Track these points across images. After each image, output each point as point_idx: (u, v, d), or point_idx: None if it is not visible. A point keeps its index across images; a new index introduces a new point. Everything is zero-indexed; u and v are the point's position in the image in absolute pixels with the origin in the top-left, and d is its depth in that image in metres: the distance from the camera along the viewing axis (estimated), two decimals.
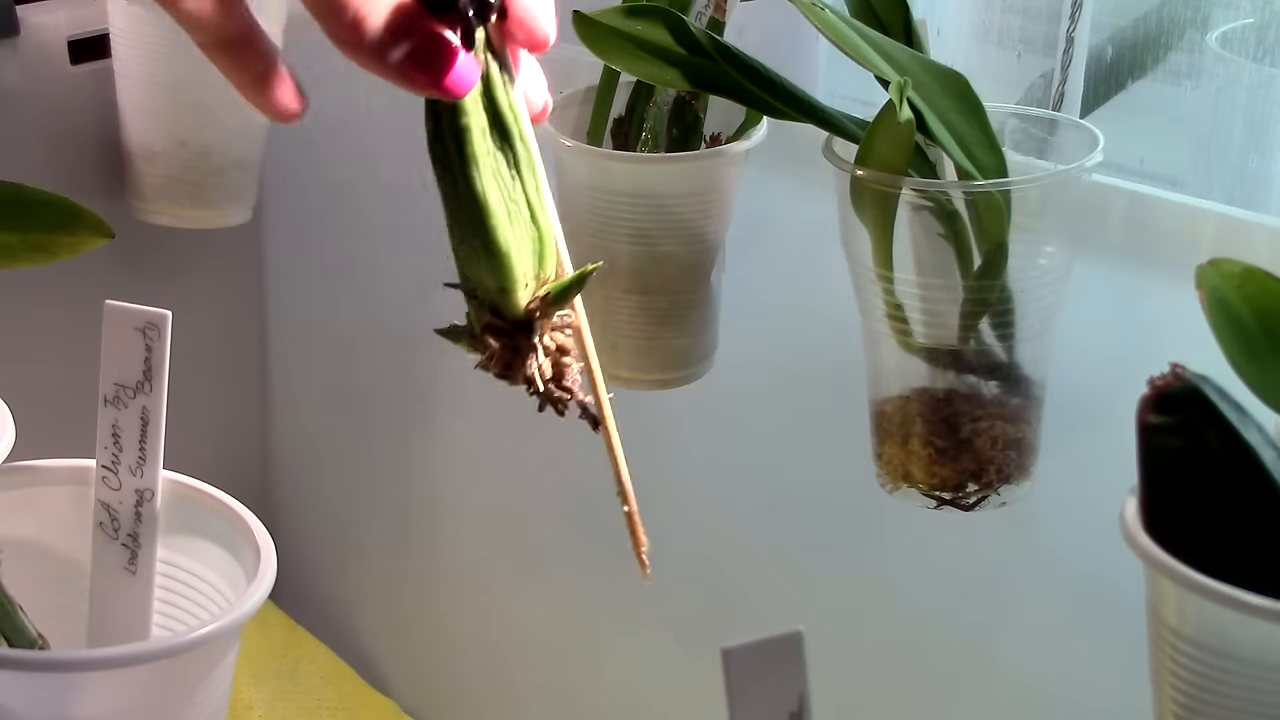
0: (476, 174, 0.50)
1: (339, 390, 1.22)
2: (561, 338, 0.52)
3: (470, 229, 0.50)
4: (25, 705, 0.61)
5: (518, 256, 0.51)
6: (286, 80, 0.54)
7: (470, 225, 0.50)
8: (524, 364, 0.52)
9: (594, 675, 1.05)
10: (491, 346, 0.51)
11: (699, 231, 0.77)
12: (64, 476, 0.73)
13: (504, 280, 0.51)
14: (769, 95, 0.67)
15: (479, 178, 0.50)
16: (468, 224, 0.50)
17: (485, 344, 0.51)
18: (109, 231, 0.63)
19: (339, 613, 1.25)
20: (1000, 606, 0.81)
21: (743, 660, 0.46)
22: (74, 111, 1.09)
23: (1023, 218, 0.66)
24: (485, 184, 0.50)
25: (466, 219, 0.50)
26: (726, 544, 0.94)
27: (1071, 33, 0.77)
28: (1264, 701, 0.49)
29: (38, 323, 1.10)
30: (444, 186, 0.51)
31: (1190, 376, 0.50)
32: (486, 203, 0.50)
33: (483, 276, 0.51)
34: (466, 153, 0.50)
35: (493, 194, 0.50)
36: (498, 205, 0.50)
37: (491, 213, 0.50)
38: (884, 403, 0.71)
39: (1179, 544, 0.50)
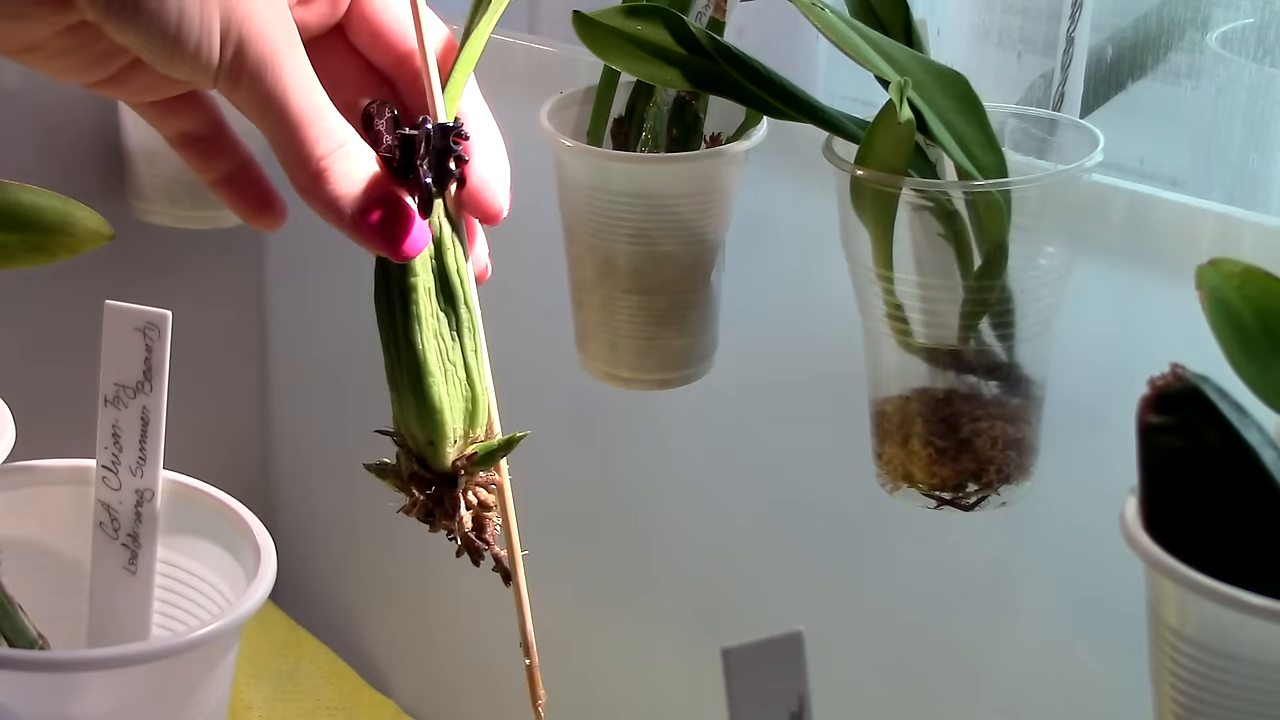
0: (418, 332, 0.52)
1: (339, 390, 1.22)
2: (484, 494, 0.55)
3: (405, 382, 0.52)
4: (25, 705, 0.61)
5: (449, 414, 0.53)
6: (258, 184, 0.55)
7: (406, 379, 0.52)
8: (444, 515, 0.54)
9: (594, 675, 1.05)
10: (415, 495, 0.54)
11: (699, 231, 0.77)
12: (64, 476, 0.73)
13: (433, 435, 0.53)
14: (769, 95, 0.67)
15: (420, 336, 0.52)
16: (404, 377, 0.52)
17: (409, 492, 0.54)
18: (109, 231, 0.63)
19: (339, 613, 1.25)
20: (1000, 606, 0.81)
21: (743, 660, 0.46)
22: (74, 111, 1.09)
23: (1023, 218, 0.66)
24: (425, 342, 0.52)
25: (403, 372, 0.52)
26: (726, 544, 0.94)
27: (1071, 33, 0.77)
28: (1264, 701, 0.49)
29: (38, 323, 1.10)
30: (384, 336, 0.52)
31: (1190, 376, 0.50)
32: (425, 361, 0.52)
33: (413, 428, 0.53)
34: (411, 311, 0.52)
35: (431, 353, 0.52)
36: (435, 364, 0.52)
37: (428, 371, 0.52)
38: (884, 403, 0.71)
39: (1179, 544, 0.50)
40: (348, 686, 1.19)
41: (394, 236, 0.49)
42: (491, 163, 0.52)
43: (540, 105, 0.79)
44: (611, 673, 1.04)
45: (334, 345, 1.22)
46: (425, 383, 0.52)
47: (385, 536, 1.20)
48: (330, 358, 1.22)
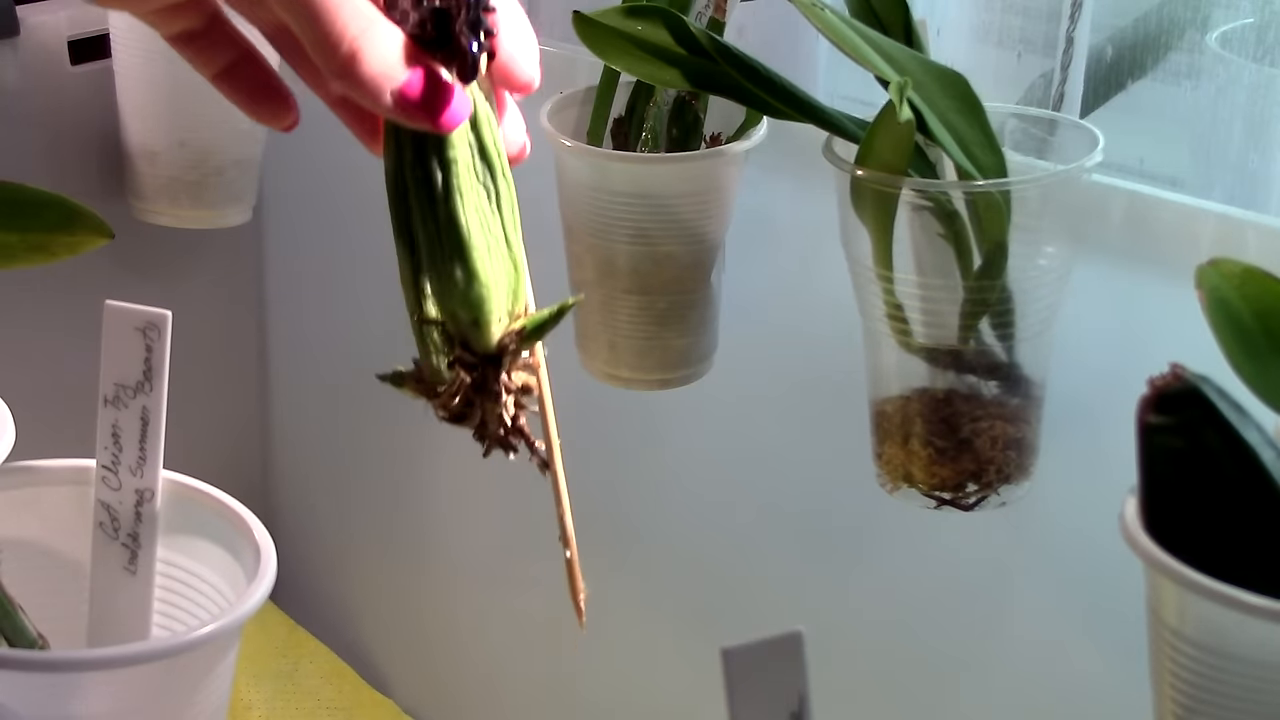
0: (461, 206, 0.50)
1: (339, 390, 1.22)
2: (525, 376, 0.52)
3: (448, 260, 0.50)
4: (25, 705, 0.61)
5: (495, 289, 0.51)
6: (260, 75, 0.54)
7: (449, 257, 0.50)
8: (487, 401, 0.52)
9: (594, 676, 1.05)
10: (460, 380, 0.51)
11: (699, 231, 0.77)
12: (64, 476, 0.73)
13: (480, 313, 0.51)
14: (769, 95, 0.67)
15: (463, 210, 0.50)
16: (445, 255, 0.50)
17: (451, 379, 0.52)
18: (109, 231, 0.63)
19: (339, 613, 1.25)
20: (1000, 606, 0.81)
21: (743, 660, 0.46)
22: (74, 111, 1.09)
23: (1023, 218, 0.66)
24: (469, 216, 0.50)
25: (445, 250, 0.50)
26: (726, 544, 0.94)
27: (1071, 33, 0.77)
28: (1264, 701, 0.49)
29: (38, 323, 1.10)
30: (419, 215, 0.51)
31: (1190, 376, 0.50)
32: (470, 234, 0.50)
33: (456, 309, 0.51)
34: (453, 184, 0.50)
35: (476, 226, 0.51)
36: (480, 238, 0.51)
37: (474, 245, 0.50)
38: (884, 403, 0.71)
39: (1179, 544, 0.50)
40: (348, 686, 1.19)
41: (436, 108, 0.48)
42: (519, 33, 0.51)
43: (540, 105, 0.79)
44: (612, 673, 1.04)
45: (334, 345, 1.22)
46: (471, 258, 0.50)
47: (385, 537, 1.20)
48: (330, 358, 1.22)
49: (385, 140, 0.51)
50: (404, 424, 1.16)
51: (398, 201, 0.51)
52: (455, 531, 1.14)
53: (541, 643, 1.09)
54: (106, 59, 1.07)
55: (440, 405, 0.52)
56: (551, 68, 0.52)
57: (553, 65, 0.81)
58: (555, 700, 1.09)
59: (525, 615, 1.09)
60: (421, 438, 1.14)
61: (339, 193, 1.15)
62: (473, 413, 0.52)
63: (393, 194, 0.52)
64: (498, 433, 0.53)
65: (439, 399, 0.52)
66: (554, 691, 1.09)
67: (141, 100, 1.05)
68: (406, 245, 0.52)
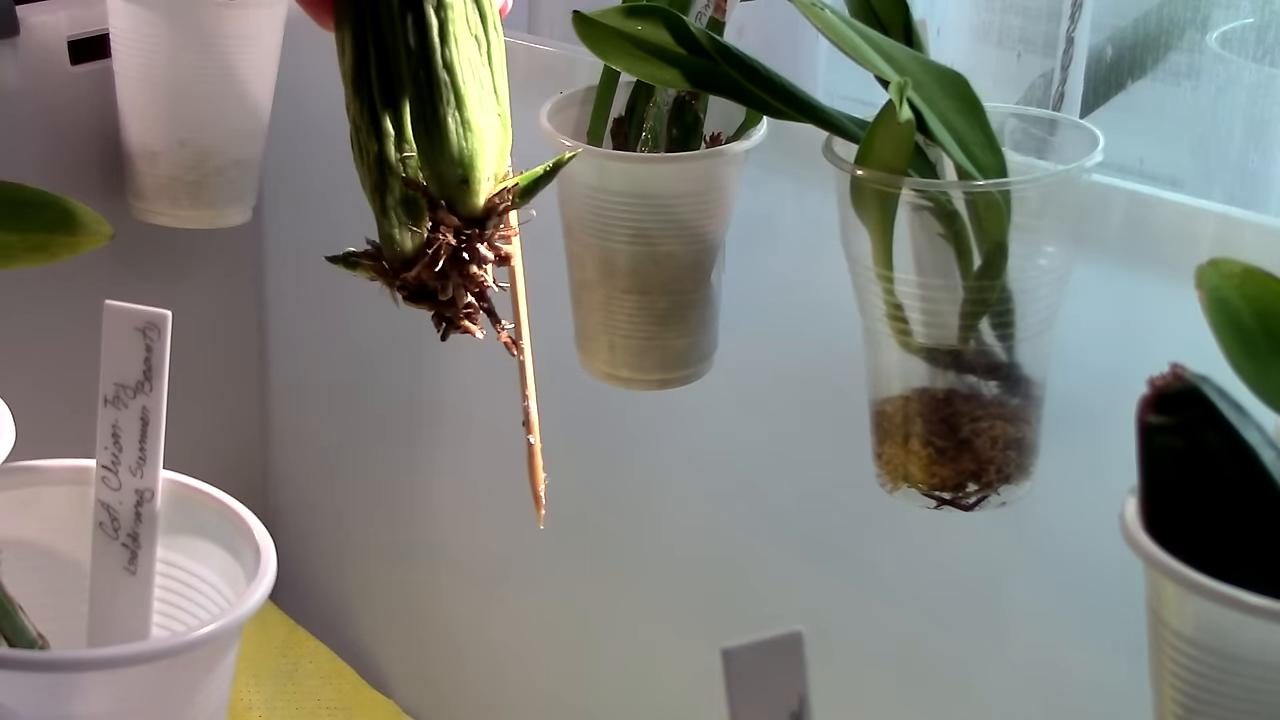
0: (455, 54, 0.48)
1: (339, 390, 1.22)
2: (506, 246, 0.50)
3: (438, 112, 0.48)
4: (25, 705, 0.61)
5: (486, 145, 0.48)
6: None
7: (440, 108, 0.48)
8: (465, 269, 0.49)
9: (594, 676, 1.05)
10: (442, 244, 0.48)
11: (699, 231, 0.77)
12: (64, 476, 0.73)
13: (471, 170, 0.48)
14: (769, 95, 0.67)
15: (457, 59, 0.48)
16: (436, 107, 0.47)
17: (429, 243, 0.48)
18: (109, 231, 0.63)
19: (339, 613, 1.25)
20: (1000, 606, 0.81)
21: (743, 660, 0.46)
22: (74, 111, 1.09)
23: (1023, 218, 0.66)
24: (462, 65, 0.48)
25: (435, 102, 0.48)
26: (726, 544, 0.94)
27: (1071, 33, 0.77)
28: (1264, 701, 0.49)
29: (38, 323, 1.10)
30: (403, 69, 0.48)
31: (1190, 376, 0.50)
32: (464, 86, 0.48)
33: (444, 166, 0.48)
34: (449, 30, 0.48)
35: (470, 76, 0.48)
36: (473, 90, 0.48)
37: (469, 95, 0.48)
38: (884, 403, 0.71)
39: (1179, 544, 0.50)
40: (348, 686, 1.19)
41: None
42: None
43: (540, 105, 0.79)
44: (612, 672, 1.04)
45: (334, 345, 1.22)
46: (465, 108, 0.48)
47: (385, 537, 1.20)
48: (330, 358, 1.22)
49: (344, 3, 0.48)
50: (405, 423, 1.16)
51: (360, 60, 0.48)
52: (455, 531, 1.14)
53: (541, 643, 1.09)
54: (106, 59, 1.07)
55: (411, 277, 0.49)
56: (551, 68, 0.52)
57: (553, 65, 0.81)
58: (555, 700, 1.09)
59: (525, 615, 1.09)
60: (422, 438, 1.14)
61: (339, 193, 1.15)
62: (444, 285, 0.49)
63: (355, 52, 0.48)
64: (464, 308, 0.49)
65: (410, 269, 0.49)
66: (554, 691, 1.09)
67: (141, 100, 1.05)
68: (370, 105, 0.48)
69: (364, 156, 0.50)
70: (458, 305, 0.49)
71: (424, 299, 0.50)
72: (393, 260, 0.50)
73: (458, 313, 0.50)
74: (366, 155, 0.50)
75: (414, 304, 0.50)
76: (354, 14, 0.49)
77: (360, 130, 0.49)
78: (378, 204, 0.50)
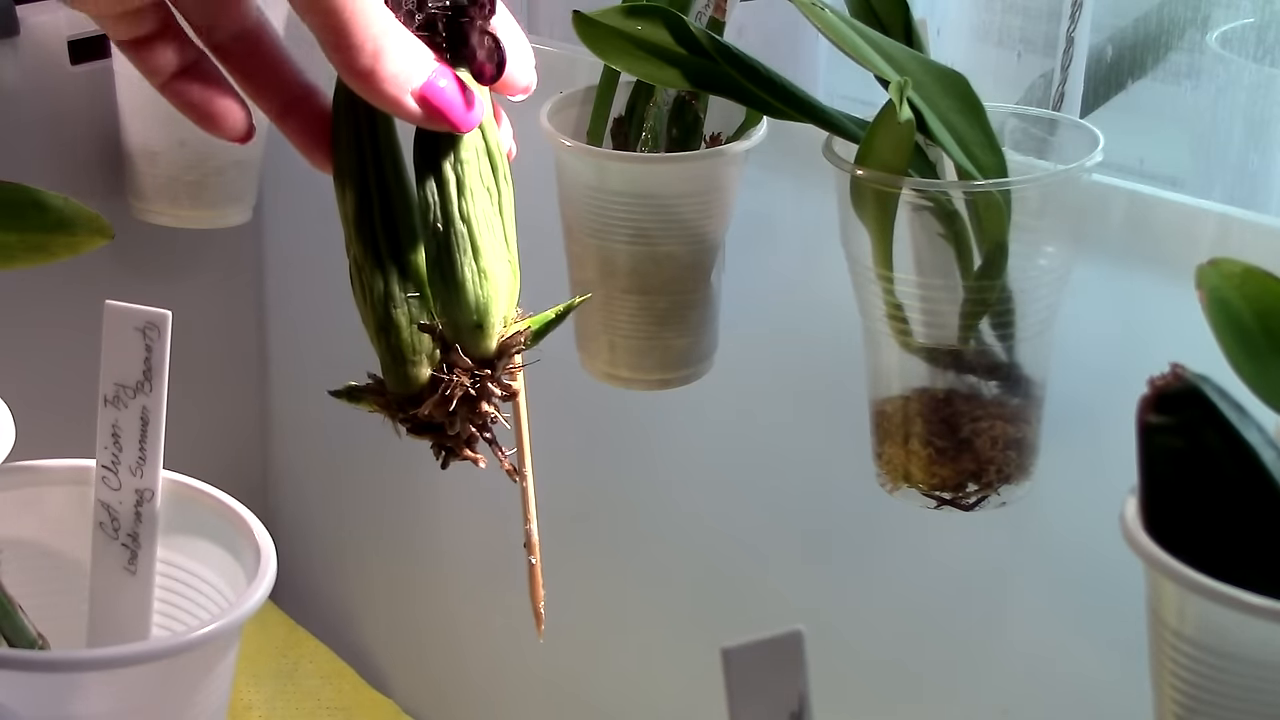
0: (471, 207, 0.50)
1: None
2: (514, 384, 0.52)
3: (453, 264, 0.50)
4: (25, 705, 0.61)
5: (499, 292, 0.51)
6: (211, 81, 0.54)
7: (456, 259, 0.50)
8: (475, 407, 0.51)
9: (594, 675, 1.05)
10: (455, 385, 0.51)
11: (699, 231, 0.77)
12: (64, 476, 0.73)
13: (486, 316, 0.51)
14: (769, 95, 0.67)
15: (473, 210, 0.50)
16: (453, 257, 0.50)
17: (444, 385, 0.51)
18: (109, 231, 0.63)
19: (339, 613, 1.25)
20: (1000, 606, 0.81)
21: (743, 660, 0.46)
22: (74, 111, 1.09)
23: (1023, 218, 0.66)
24: (477, 216, 0.50)
25: (453, 252, 0.50)
26: (726, 544, 0.94)
27: (1071, 33, 0.77)
28: (1264, 701, 0.49)
29: (38, 323, 1.10)
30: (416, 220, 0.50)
31: (1190, 376, 0.50)
32: (479, 236, 0.50)
33: (459, 313, 0.51)
34: (465, 185, 0.50)
35: (484, 228, 0.50)
36: (488, 240, 0.51)
37: (483, 246, 0.50)
38: (884, 403, 0.71)
39: (1179, 544, 0.50)
40: (348, 686, 1.19)
41: (458, 107, 0.49)
42: (515, 38, 0.51)
43: (540, 105, 0.79)
44: (611, 672, 1.04)
45: (334, 345, 1.22)
46: (481, 259, 0.50)
47: (385, 537, 1.20)
48: (330, 358, 1.22)
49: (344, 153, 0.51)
50: None
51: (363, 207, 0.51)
52: (455, 531, 1.14)
53: (541, 642, 1.09)
54: (106, 59, 1.07)
55: (422, 414, 0.52)
56: (551, 68, 0.52)
57: (553, 65, 0.81)
58: (555, 700, 1.09)
59: (525, 615, 1.09)
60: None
61: None
62: (452, 421, 0.52)
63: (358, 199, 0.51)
64: (469, 441, 0.52)
65: (418, 405, 0.52)
66: (553, 691, 1.09)
67: (141, 100, 1.05)
68: (375, 249, 0.51)
69: (367, 295, 0.52)
70: (461, 438, 0.52)
71: (429, 431, 0.52)
72: (398, 396, 0.52)
73: (460, 444, 0.53)
74: (370, 294, 0.52)
75: (418, 436, 0.53)
76: (356, 166, 0.51)
77: (363, 270, 0.52)
78: (382, 342, 0.52)
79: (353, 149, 0.51)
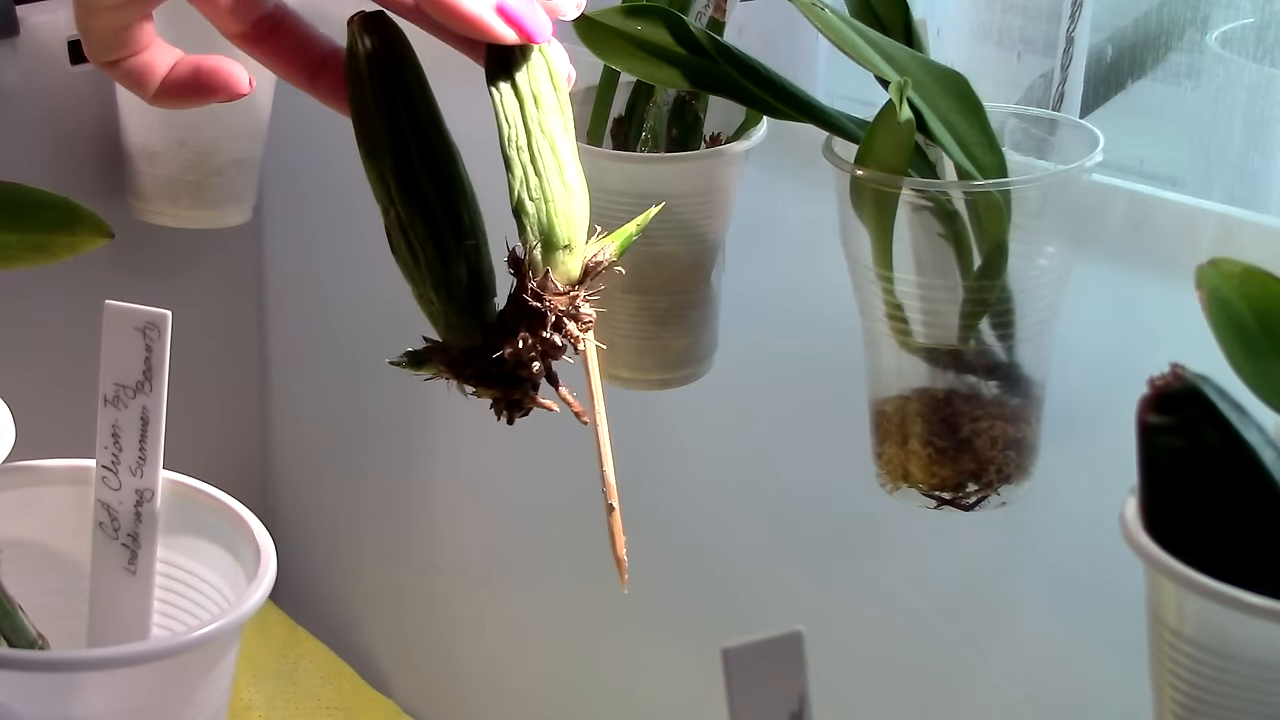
0: (550, 121, 0.50)
1: (339, 390, 1.22)
2: (591, 310, 0.51)
3: (543, 182, 0.49)
4: (25, 705, 0.61)
5: (585, 209, 0.50)
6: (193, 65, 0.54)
7: (541, 174, 0.49)
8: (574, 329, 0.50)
9: (593, 676, 1.05)
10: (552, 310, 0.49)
11: (699, 231, 0.77)
12: (64, 476, 0.73)
13: (573, 235, 0.50)
14: (769, 95, 0.67)
15: (553, 126, 0.50)
16: (540, 173, 0.49)
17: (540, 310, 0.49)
18: (109, 231, 0.63)
19: (339, 613, 1.25)
20: (1000, 606, 0.81)
21: (743, 660, 0.46)
22: (74, 111, 1.09)
23: (1023, 218, 0.66)
24: (556, 132, 0.50)
25: (538, 168, 0.49)
26: (726, 544, 0.94)
27: (1071, 33, 0.77)
28: (1264, 701, 0.49)
29: (38, 323, 1.10)
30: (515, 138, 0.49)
31: (1190, 376, 0.50)
32: (560, 150, 0.50)
33: (549, 232, 0.49)
34: (542, 100, 0.50)
35: (562, 143, 0.50)
36: (567, 155, 0.50)
37: (566, 161, 0.50)
38: (884, 403, 0.71)
39: (1179, 544, 0.50)
40: (348, 686, 1.19)
41: (535, 18, 0.49)
42: None
43: None
44: (611, 673, 1.04)
45: (334, 345, 1.22)
46: (565, 175, 0.49)
47: (385, 537, 1.20)
48: (330, 358, 1.22)
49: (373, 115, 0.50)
50: (404, 424, 1.16)
51: (402, 162, 0.50)
52: (455, 531, 1.14)
53: (541, 643, 1.09)
54: None
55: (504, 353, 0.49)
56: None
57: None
58: (555, 700, 1.09)
59: (525, 615, 1.09)
60: (422, 437, 1.14)
61: (339, 193, 1.15)
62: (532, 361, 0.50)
63: (398, 164, 0.50)
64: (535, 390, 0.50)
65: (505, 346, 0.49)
66: (554, 691, 1.09)
67: (141, 101, 1.04)
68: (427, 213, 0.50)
69: (419, 255, 0.50)
70: (536, 381, 0.50)
71: (497, 384, 0.51)
72: (463, 350, 0.51)
73: (529, 392, 0.51)
74: (424, 253, 0.50)
75: (484, 391, 0.51)
76: (389, 125, 0.50)
77: (411, 229, 0.50)
78: (441, 297, 0.50)
79: (384, 109, 0.50)
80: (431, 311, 0.51)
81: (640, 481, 1.02)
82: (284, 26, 0.54)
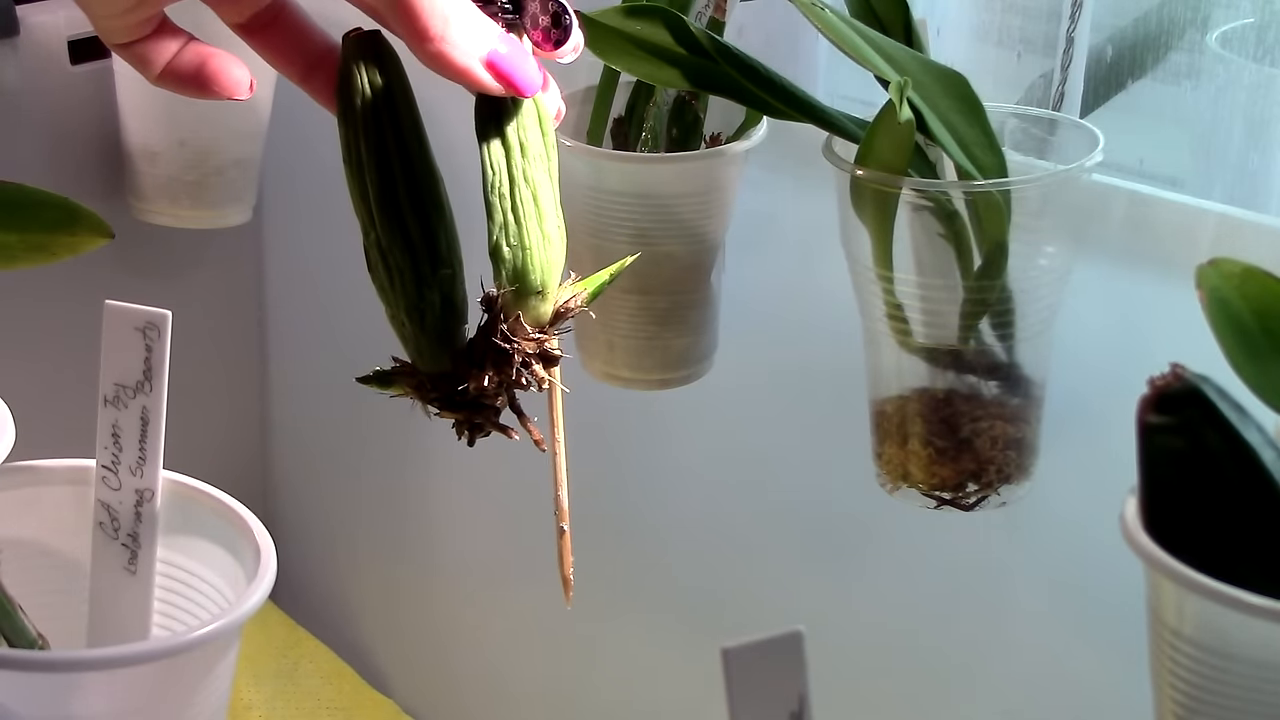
0: (533, 170, 0.50)
1: (339, 391, 1.22)
2: (556, 347, 0.52)
3: (521, 229, 0.50)
4: (25, 705, 0.61)
5: (560, 256, 0.51)
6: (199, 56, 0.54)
7: (521, 224, 0.50)
8: (523, 374, 0.51)
9: (593, 676, 1.05)
10: (517, 350, 0.50)
11: (699, 231, 0.77)
12: (64, 476, 0.73)
13: (546, 282, 0.50)
14: (769, 95, 0.67)
15: (536, 174, 0.50)
16: (519, 222, 0.50)
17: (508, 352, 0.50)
18: (109, 231, 0.63)
19: (339, 613, 1.25)
20: (1000, 606, 0.81)
21: (743, 660, 0.46)
22: (74, 111, 1.09)
23: (1023, 218, 0.66)
24: (539, 181, 0.50)
25: (518, 217, 0.50)
26: (726, 544, 0.94)
27: (1071, 33, 0.77)
28: (1264, 701, 0.49)
29: (38, 323, 1.10)
30: (499, 192, 0.50)
31: (1190, 376, 0.50)
32: (541, 199, 0.50)
33: (523, 279, 0.50)
34: (528, 149, 0.50)
35: (543, 192, 0.50)
36: (548, 203, 0.50)
37: (545, 210, 0.50)
38: (884, 403, 0.71)
39: (1179, 544, 0.50)
40: (348, 686, 1.19)
41: (525, 73, 0.50)
42: None
43: None
44: (611, 673, 1.04)
45: (334, 345, 1.22)
46: (544, 224, 0.50)
47: (385, 536, 1.20)
48: (330, 358, 1.22)
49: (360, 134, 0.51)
50: (404, 424, 1.16)
51: (386, 185, 0.51)
52: (455, 531, 1.14)
53: (541, 643, 1.09)
54: (106, 59, 1.07)
55: (469, 387, 0.51)
56: (552, 67, 0.53)
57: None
58: (555, 700, 1.09)
59: (525, 615, 1.09)
60: (422, 437, 1.14)
61: (339, 193, 1.14)
62: (497, 393, 0.51)
63: (379, 177, 0.51)
64: (496, 417, 0.52)
65: (470, 379, 0.51)
66: (554, 691, 1.09)
67: (141, 100, 1.05)
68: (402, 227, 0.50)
69: (395, 278, 0.51)
70: (499, 410, 0.52)
71: (461, 408, 0.52)
72: (430, 375, 0.52)
73: (493, 418, 0.52)
74: (400, 277, 0.51)
75: (448, 414, 0.52)
76: (375, 146, 0.51)
77: (390, 253, 0.51)
78: (415, 323, 0.51)
79: (371, 131, 0.51)
80: (403, 334, 0.52)
81: (640, 481, 1.02)
82: (284, 20, 0.54)
